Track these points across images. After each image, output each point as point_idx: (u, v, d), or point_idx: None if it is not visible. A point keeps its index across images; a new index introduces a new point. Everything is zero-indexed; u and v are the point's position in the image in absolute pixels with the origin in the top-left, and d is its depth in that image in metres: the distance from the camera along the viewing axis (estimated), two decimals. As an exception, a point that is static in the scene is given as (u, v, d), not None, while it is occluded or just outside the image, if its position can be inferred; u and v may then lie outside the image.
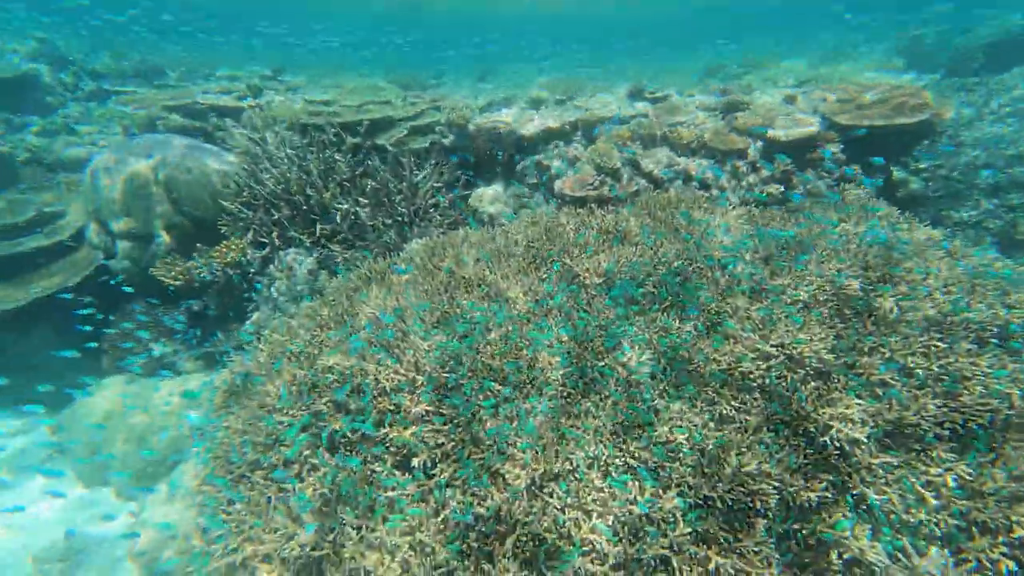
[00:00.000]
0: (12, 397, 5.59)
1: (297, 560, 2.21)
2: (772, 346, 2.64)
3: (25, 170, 7.37)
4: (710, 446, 2.20)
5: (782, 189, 4.52)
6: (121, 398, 4.87)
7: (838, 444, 2.22)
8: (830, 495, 2.03)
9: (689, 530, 1.94)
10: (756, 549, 1.87)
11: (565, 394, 2.62)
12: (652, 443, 2.31)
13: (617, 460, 2.28)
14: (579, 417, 2.48)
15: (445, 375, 2.79)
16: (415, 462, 2.50)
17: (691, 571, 1.87)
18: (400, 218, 5.49)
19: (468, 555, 2.06)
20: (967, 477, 2.14)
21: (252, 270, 5.66)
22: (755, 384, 2.61)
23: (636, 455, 2.28)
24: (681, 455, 2.26)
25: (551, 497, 2.14)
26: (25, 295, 5.25)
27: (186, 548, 3.54)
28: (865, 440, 2.18)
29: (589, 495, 2.14)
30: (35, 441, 5.20)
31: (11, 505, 4.42)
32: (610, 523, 2.04)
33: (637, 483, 2.17)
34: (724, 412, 2.45)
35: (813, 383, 2.54)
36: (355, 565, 2.03)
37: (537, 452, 2.27)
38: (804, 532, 1.98)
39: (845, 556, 1.96)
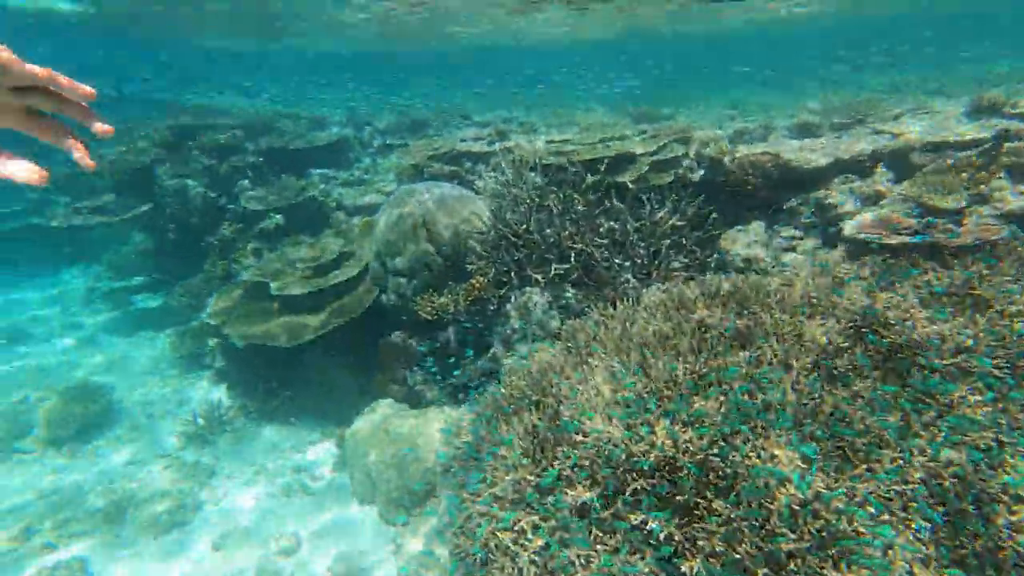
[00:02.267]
0: (308, 412, 6.90)
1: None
2: None
3: (334, 215, 9.28)
4: None
5: None
6: (383, 424, 5.53)
7: None
8: None
9: None
10: None
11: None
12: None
13: None
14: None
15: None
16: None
17: None
18: (638, 260, 5.15)
19: None
20: None
21: (492, 307, 5.96)
22: None
23: None
24: None
25: None
26: (324, 324, 6.43)
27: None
28: None
29: None
30: (327, 450, 6.30)
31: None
32: None
33: None
34: None
35: None
36: None
37: None
38: None
39: None
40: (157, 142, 8.90)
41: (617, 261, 5.20)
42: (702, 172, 5.31)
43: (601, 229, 5.38)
